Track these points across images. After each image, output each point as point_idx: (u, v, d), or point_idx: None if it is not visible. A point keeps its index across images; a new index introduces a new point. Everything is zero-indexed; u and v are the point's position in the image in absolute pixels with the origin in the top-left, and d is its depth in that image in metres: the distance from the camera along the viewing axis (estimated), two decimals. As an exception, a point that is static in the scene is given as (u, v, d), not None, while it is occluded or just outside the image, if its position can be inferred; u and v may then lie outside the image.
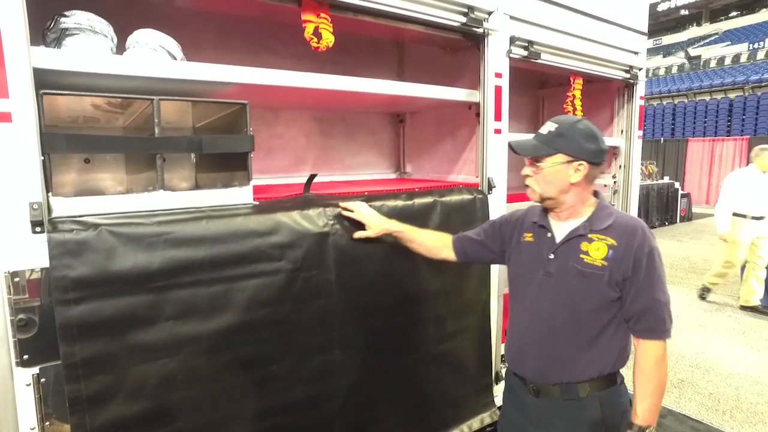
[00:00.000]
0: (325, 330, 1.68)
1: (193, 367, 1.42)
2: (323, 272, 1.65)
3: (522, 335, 1.56)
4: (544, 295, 1.49)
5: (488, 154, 2.20)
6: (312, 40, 1.64)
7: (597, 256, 1.40)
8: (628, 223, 1.42)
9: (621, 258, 1.37)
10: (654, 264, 1.37)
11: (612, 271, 1.37)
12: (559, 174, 1.41)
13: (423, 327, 1.96)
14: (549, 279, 1.47)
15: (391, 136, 2.83)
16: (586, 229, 1.43)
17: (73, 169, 1.78)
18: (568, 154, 1.40)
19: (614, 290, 1.39)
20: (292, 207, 1.64)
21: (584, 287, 1.41)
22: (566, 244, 1.45)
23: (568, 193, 1.44)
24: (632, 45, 2.92)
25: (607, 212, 1.46)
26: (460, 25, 1.98)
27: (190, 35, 2.11)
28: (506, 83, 2.22)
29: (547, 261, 1.47)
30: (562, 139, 1.41)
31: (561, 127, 1.42)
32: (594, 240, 1.41)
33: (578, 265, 1.42)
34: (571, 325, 1.44)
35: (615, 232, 1.40)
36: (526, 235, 1.59)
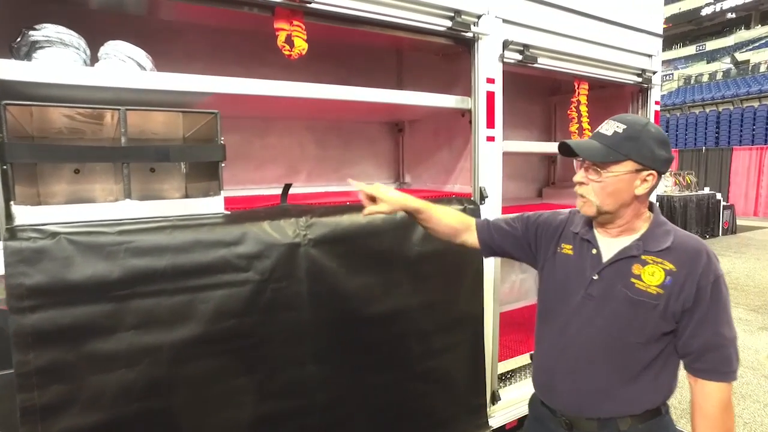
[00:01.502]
0: (297, 343, 1.64)
1: (153, 378, 1.40)
2: (293, 284, 1.61)
3: (553, 362, 1.38)
4: (583, 319, 1.31)
5: (480, 163, 2.11)
6: (284, 48, 1.62)
7: (651, 282, 1.21)
8: (689, 245, 1.23)
9: (681, 286, 1.19)
10: (720, 295, 1.19)
11: (669, 301, 1.19)
12: (625, 184, 1.22)
13: (406, 342, 1.88)
14: (590, 302, 1.29)
15: (390, 145, 2.78)
16: (639, 249, 1.25)
17: (63, 179, 1.82)
18: (638, 162, 1.20)
19: (669, 323, 1.21)
20: (263, 217, 1.61)
21: (633, 316, 1.23)
22: (615, 265, 1.27)
23: (629, 206, 1.25)
24: (644, 47, 2.77)
25: (664, 230, 1.27)
26: (446, 30, 1.92)
27: (182, 48, 2.15)
28: (499, 89, 2.14)
29: (590, 281, 1.29)
30: (632, 143, 1.20)
31: (631, 129, 1.21)
32: (648, 263, 1.23)
33: (628, 290, 1.24)
34: (613, 357, 1.27)
35: (674, 255, 1.22)
36: (564, 246, 1.40)
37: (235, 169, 2.32)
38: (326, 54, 2.52)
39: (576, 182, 1.29)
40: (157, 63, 2.10)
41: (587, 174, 1.25)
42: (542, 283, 1.47)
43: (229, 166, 2.32)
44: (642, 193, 1.23)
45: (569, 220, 1.46)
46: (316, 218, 1.68)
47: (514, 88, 3.27)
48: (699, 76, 24.21)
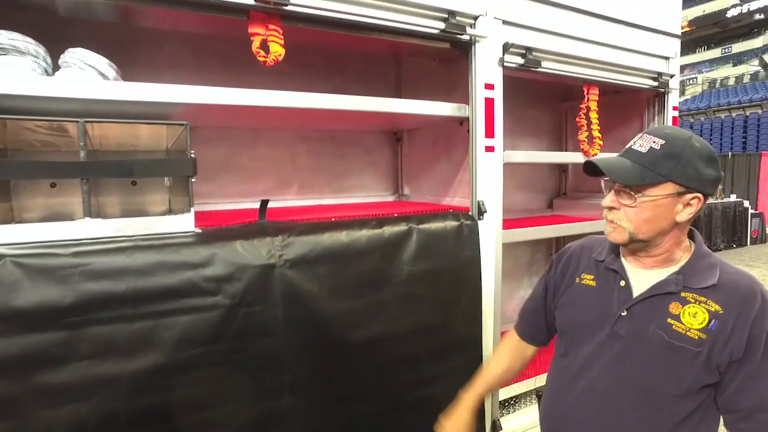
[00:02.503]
0: (272, 372, 1.51)
1: (110, 412, 1.29)
2: (268, 308, 1.49)
3: (565, 408, 1.22)
4: (606, 362, 1.13)
5: (478, 175, 1.96)
6: (259, 53, 1.51)
7: (692, 324, 1.04)
8: (741, 284, 1.05)
9: (729, 333, 1.01)
10: None
11: (713, 349, 1.02)
12: (664, 209, 1.05)
13: (394, 370, 1.73)
14: (616, 343, 1.12)
15: (389, 155, 2.65)
16: (678, 285, 1.07)
17: (40, 193, 1.74)
18: (681, 184, 1.03)
19: (712, 374, 1.03)
20: (235, 236, 1.50)
21: (669, 364, 1.06)
22: (648, 302, 1.10)
23: (668, 234, 1.08)
24: (661, 49, 2.58)
25: (709, 263, 1.09)
26: (439, 33, 1.78)
27: (167, 55, 2.07)
28: (499, 95, 1.99)
29: (617, 318, 1.12)
30: (674, 161, 1.03)
31: (671, 145, 1.04)
32: (690, 302, 1.06)
33: (664, 333, 1.06)
34: (641, 410, 1.09)
35: (721, 295, 1.04)
36: (585, 276, 1.24)
37: (223, 182, 2.23)
38: (321, 61, 2.42)
39: (605, 207, 1.12)
40: (139, 71, 2.02)
41: (618, 198, 1.08)
42: (559, 317, 1.30)
43: (216, 179, 2.23)
44: (684, 220, 1.06)
45: (587, 245, 1.30)
46: (294, 237, 1.56)
47: (522, 94, 3.13)
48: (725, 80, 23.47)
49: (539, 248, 3.38)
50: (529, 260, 3.34)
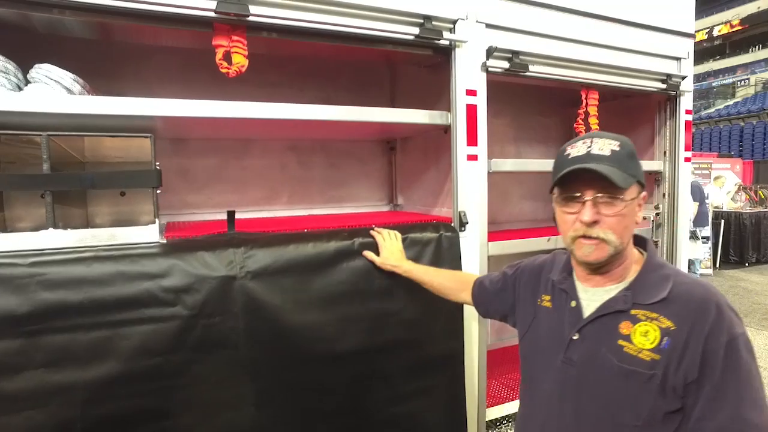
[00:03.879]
0: (234, 384, 1.50)
1: (64, 421, 1.30)
2: (228, 319, 1.47)
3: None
4: (564, 392, 1.05)
5: (459, 184, 1.89)
6: (222, 65, 1.51)
7: (644, 344, 0.94)
8: (693, 295, 0.94)
9: (682, 350, 0.91)
10: (738, 362, 0.89)
11: (667, 370, 0.91)
12: (634, 213, 1.00)
13: (366, 386, 1.68)
14: (571, 370, 1.04)
15: (383, 165, 2.61)
16: (628, 302, 0.98)
17: (32, 203, 1.81)
18: (641, 183, 1.00)
19: (671, 400, 0.92)
20: (197, 247, 1.50)
21: (623, 391, 0.96)
22: (598, 322, 1.01)
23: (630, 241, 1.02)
24: (671, 49, 2.43)
25: (662, 275, 0.99)
26: (414, 39, 1.74)
27: (154, 70, 2.13)
28: (483, 101, 1.92)
29: (569, 342, 1.04)
30: (634, 161, 0.99)
31: (626, 145, 1.00)
32: (641, 319, 0.96)
33: (614, 356, 0.97)
34: None
35: (673, 309, 0.94)
36: (544, 297, 1.16)
37: (212, 192, 2.25)
38: (312, 71, 2.42)
39: (585, 223, 0.98)
40: (128, 85, 2.10)
41: (600, 209, 0.97)
42: (521, 341, 1.23)
43: (206, 189, 2.27)
44: (640, 221, 1.02)
45: (549, 263, 1.23)
46: (257, 248, 1.54)
47: (528, 100, 3.03)
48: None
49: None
50: (537, 272, 3.20)
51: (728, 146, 18.56)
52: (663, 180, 2.60)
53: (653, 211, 2.62)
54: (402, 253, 1.69)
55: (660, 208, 2.62)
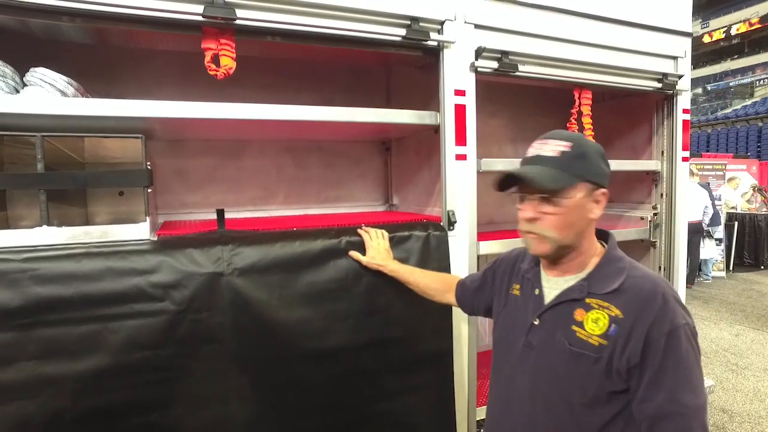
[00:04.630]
0: (219, 378, 1.53)
1: (54, 411, 1.35)
2: (215, 315, 1.51)
3: (495, 423, 1.25)
4: (523, 373, 1.15)
5: (448, 183, 1.90)
6: (210, 67, 1.56)
7: (594, 330, 1.03)
8: (642, 287, 1.02)
9: (627, 337, 0.99)
10: (678, 350, 0.96)
11: (612, 355, 1.00)
12: (581, 209, 1.07)
13: (352, 382, 1.70)
14: (530, 353, 1.13)
15: (378, 165, 2.64)
16: (583, 291, 1.08)
17: (34, 203, 1.88)
18: (592, 181, 1.07)
19: (616, 381, 1.01)
20: (186, 244, 1.54)
21: (573, 372, 1.05)
22: (556, 309, 1.11)
23: (583, 235, 1.10)
24: (667, 48, 2.41)
25: (617, 267, 1.08)
26: (402, 40, 1.76)
27: (153, 73, 2.18)
28: (471, 101, 1.93)
29: (530, 327, 1.14)
30: (584, 161, 1.06)
31: (578, 145, 1.07)
32: (593, 307, 1.05)
33: (567, 340, 1.06)
34: (556, 421, 1.09)
35: (623, 299, 1.02)
36: (514, 286, 1.26)
37: (209, 192, 2.30)
38: (308, 72, 2.46)
39: (525, 219, 1.10)
40: (125, 88, 2.15)
41: (539, 206, 1.08)
42: (493, 330, 1.33)
43: (202, 189, 2.32)
44: (596, 217, 1.10)
45: (523, 254, 1.32)
46: (244, 246, 1.58)
47: (526, 101, 3.03)
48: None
49: (548, 261, 3.22)
50: (536, 273, 3.18)
51: (746, 147, 18.18)
52: (661, 180, 2.58)
53: (651, 212, 2.60)
54: (389, 253, 1.71)
55: (658, 208, 2.59)
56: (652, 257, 2.62)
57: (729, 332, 5.20)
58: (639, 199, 2.73)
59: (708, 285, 7.37)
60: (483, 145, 2.92)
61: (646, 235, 2.57)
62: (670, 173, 2.52)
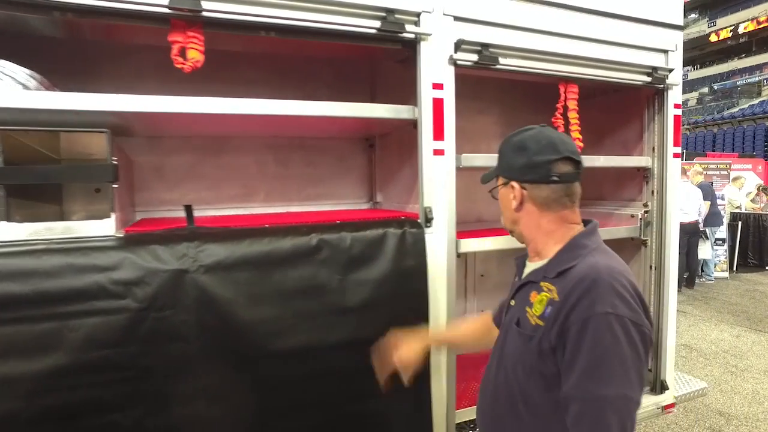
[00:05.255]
0: (184, 378, 1.49)
1: (8, 412, 1.31)
2: (179, 313, 1.47)
3: (479, 400, 1.33)
4: (495, 351, 1.25)
5: (425, 180, 1.86)
6: (177, 60, 1.52)
7: (536, 311, 1.10)
8: (580, 272, 1.04)
9: (555, 319, 1.03)
10: (593, 338, 0.96)
11: (543, 336, 1.05)
12: (504, 200, 1.23)
13: (323, 383, 1.66)
14: (502, 332, 1.24)
15: (362, 162, 2.59)
16: (539, 275, 1.15)
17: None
18: (501, 175, 1.22)
19: (546, 362, 1.05)
20: (150, 241, 1.50)
21: (517, 349, 1.13)
22: (522, 291, 1.20)
23: (519, 222, 1.20)
24: (657, 41, 2.35)
25: (575, 254, 1.10)
26: (376, 33, 1.72)
27: (130, 68, 2.15)
28: (450, 95, 1.88)
29: (508, 308, 1.25)
30: (500, 158, 1.23)
31: (501, 144, 1.25)
32: (543, 290, 1.11)
33: (519, 318, 1.15)
34: (512, 403, 1.13)
35: (563, 283, 1.06)
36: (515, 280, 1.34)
37: (187, 189, 2.27)
38: (291, 68, 2.42)
39: None
40: (103, 84, 2.12)
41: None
42: None
43: (180, 186, 2.28)
44: (515, 207, 1.18)
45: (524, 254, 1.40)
46: (210, 243, 1.54)
47: (515, 96, 2.97)
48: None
49: (539, 260, 3.17)
50: (526, 272, 3.13)
51: (752, 146, 17.96)
52: (652, 177, 2.52)
53: (641, 209, 2.54)
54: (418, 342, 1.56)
55: (649, 205, 2.53)
56: (643, 256, 2.56)
57: (730, 333, 5.11)
58: (630, 196, 2.67)
59: (710, 286, 7.26)
60: (471, 142, 2.89)
61: (637, 233, 2.51)
62: (661, 170, 2.45)
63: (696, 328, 5.31)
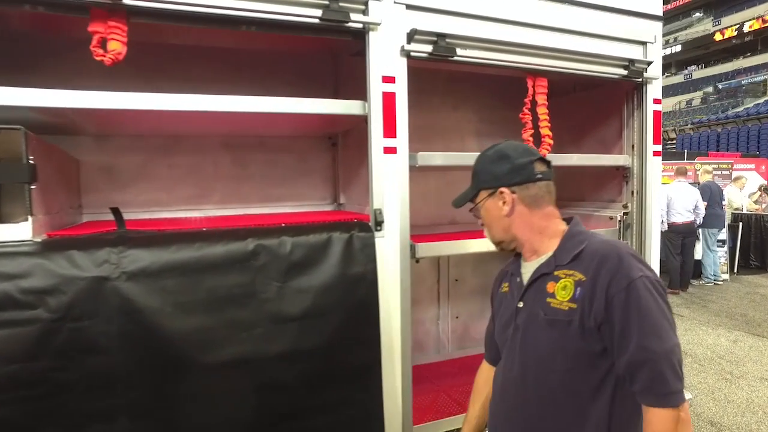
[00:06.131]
0: (104, 393, 1.39)
1: None
2: (99, 323, 1.37)
3: (494, 410, 1.33)
4: (513, 355, 1.23)
5: (375, 179, 1.74)
6: (96, 52, 1.42)
7: (564, 297, 1.12)
8: (600, 250, 1.12)
9: (591, 296, 1.08)
10: (638, 301, 1.04)
11: (582, 315, 1.08)
12: (492, 212, 1.25)
13: (261, 397, 1.54)
14: (517, 334, 1.22)
15: (325, 161, 2.48)
16: (551, 265, 1.18)
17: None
18: (485, 188, 1.24)
19: (592, 341, 1.08)
20: (71, 246, 1.40)
21: (551, 339, 1.14)
22: (533, 287, 1.21)
23: (512, 228, 1.24)
24: (633, 33, 2.23)
25: (578, 240, 1.18)
26: (319, 23, 1.61)
27: (73, 63, 2.05)
28: (402, 89, 1.77)
29: (516, 311, 1.24)
30: (476, 176, 1.28)
31: (475, 164, 1.30)
32: (561, 277, 1.14)
33: (543, 311, 1.15)
34: (546, 394, 1.15)
35: (584, 263, 1.12)
36: (503, 285, 1.37)
37: (139, 190, 2.17)
38: (248, 63, 2.31)
39: None
40: (46, 79, 2.02)
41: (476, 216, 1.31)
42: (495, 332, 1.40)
43: (131, 187, 2.18)
44: (508, 211, 1.21)
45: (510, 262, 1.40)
46: (134, 248, 1.43)
47: (490, 91, 2.85)
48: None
49: (518, 263, 3.03)
50: (504, 276, 3.00)
51: (757, 146, 17.68)
52: (631, 176, 2.39)
53: (621, 211, 2.41)
54: None
55: (629, 207, 2.40)
56: (622, 260, 2.42)
57: (727, 338, 4.95)
58: (610, 197, 2.54)
59: (709, 288, 7.07)
60: (445, 139, 2.79)
61: (616, 236, 2.38)
62: (641, 168, 2.32)
63: (692, 332, 5.14)
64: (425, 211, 2.72)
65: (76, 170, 2.06)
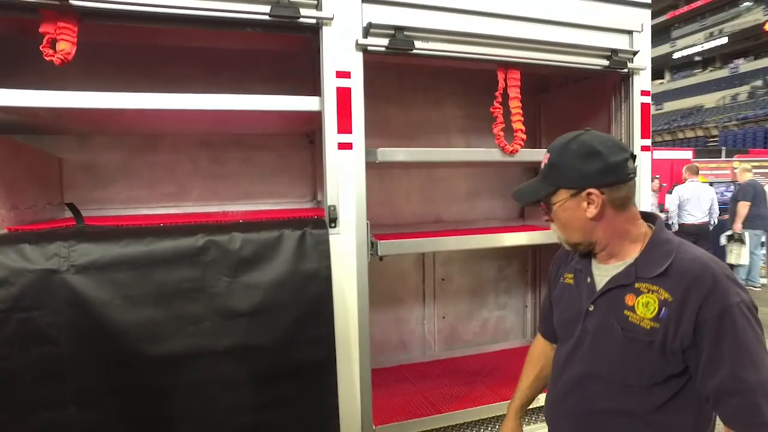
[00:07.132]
0: (52, 382, 1.43)
1: None
2: (47, 314, 1.42)
3: (554, 398, 1.28)
4: (581, 355, 1.19)
5: (329, 176, 1.73)
6: (46, 52, 1.47)
7: (645, 314, 1.06)
8: (690, 270, 1.03)
9: (678, 320, 1.01)
10: (734, 329, 0.98)
11: (666, 337, 1.02)
12: (573, 212, 1.13)
13: (208, 391, 1.56)
14: (586, 337, 1.17)
15: (304, 159, 2.48)
16: (631, 276, 1.10)
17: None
18: (568, 188, 1.11)
19: (673, 363, 1.04)
20: (21, 239, 1.45)
21: (626, 355, 1.09)
22: (608, 295, 1.14)
23: (596, 231, 1.13)
24: (619, 21, 2.11)
25: (665, 251, 1.09)
26: (268, 19, 1.61)
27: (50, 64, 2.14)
28: (358, 84, 1.74)
29: (586, 313, 1.18)
30: (556, 170, 1.13)
31: (553, 155, 1.15)
32: (643, 291, 1.07)
33: (620, 325, 1.09)
34: (614, 399, 1.12)
35: (671, 282, 1.04)
36: (567, 275, 1.31)
37: (118, 188, 2.24)
38: (226, 62, 2.35)
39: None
40: (26, 80, 2.12)
41: (546, 213, 1.21)
42: (554, 314, 1.36)
43: (111, 185, 2.25)
44: (594, 215, 1.10)
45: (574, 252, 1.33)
46: (84, 242, 1.48)
47: (479, 87, 2.76)
48: None
49: (509, 263, 2.96)
50: (495, 276, 2.93)
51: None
52: (618, 172, 2.27)
53: (607, 208, 2.29)
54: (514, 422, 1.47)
55: (615, 204, 2.28)
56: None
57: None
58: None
59: (755, 293, 6.65)
60: (428, 136, 2.74)
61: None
62: (627, 164, 2.20)
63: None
64: (408, 209, 2.69)
65: (57, 168, 2.14)
